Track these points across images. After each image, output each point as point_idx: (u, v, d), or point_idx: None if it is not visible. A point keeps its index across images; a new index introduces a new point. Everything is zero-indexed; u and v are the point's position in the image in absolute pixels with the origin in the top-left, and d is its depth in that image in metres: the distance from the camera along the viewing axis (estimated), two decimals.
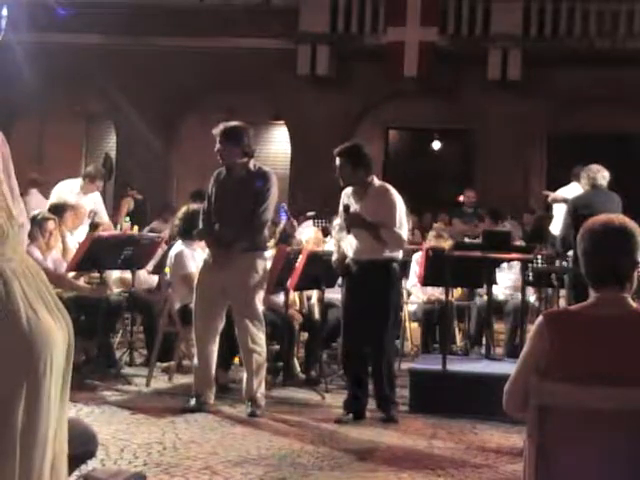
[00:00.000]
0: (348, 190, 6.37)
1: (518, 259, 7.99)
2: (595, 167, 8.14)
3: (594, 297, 2.79)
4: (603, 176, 8.03)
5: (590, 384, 2.63)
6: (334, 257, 6.48)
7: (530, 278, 8.47)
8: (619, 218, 2.83)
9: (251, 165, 6.41)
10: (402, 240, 6.21)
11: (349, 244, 6.32)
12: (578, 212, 7.57)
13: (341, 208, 6.33)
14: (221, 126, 6.38)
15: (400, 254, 6.41)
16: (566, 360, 2.69)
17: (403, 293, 8.39)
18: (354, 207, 6.25)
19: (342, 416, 6.26)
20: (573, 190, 11.60)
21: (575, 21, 16.07)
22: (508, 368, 2.88)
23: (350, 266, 6.31)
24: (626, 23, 15.87)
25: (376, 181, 6.33)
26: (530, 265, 8.18)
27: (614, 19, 15.93)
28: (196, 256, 7.40)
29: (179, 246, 7.59)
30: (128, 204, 13.00)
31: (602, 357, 2.68)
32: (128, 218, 10.50)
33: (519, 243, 9.75)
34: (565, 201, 9.03)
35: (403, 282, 8.10)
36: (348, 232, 6.26)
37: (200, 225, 6.53)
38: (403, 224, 6.22)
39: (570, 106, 16.15)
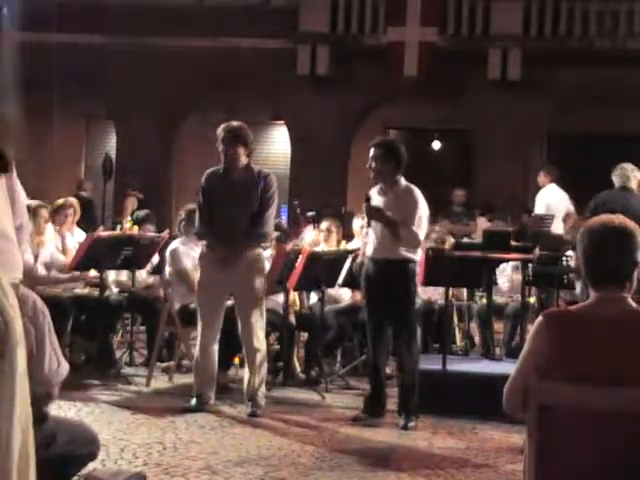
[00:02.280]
0: (374, 189, 6.32)
1: (518, 259, 8.00)
2: (620, 165, 8.07)
3: (594, 297, 2.79)
4: (635, 176, 8.00)
5: (590, 384, 2.63)
6: (359, 259, 6.47)
7: (530, 278, 8.46)
8: (619, 218, 2.83)
9: (252, 166, 6.42)
10: (418, 239, 6.14)
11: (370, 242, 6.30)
12: (599, 210, 7.52)
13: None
14: (226, 126, 6.34)
15: (418, 255, 6.36)
16: (566, 360, 2.69)
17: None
18: (377, 201, 6.22)
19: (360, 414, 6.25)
20: (550, 193, 11.53)
21: (575, 21, 16.06)
22: (508, 368, 2.89)
23: (366, 265, 6.27)
24: (626, 23, 15.86)
25: (403, 181, 6.29)
26: (530, 265, 8.17)
27: (614, 19, 15.92)
28: (192, 254, 7.42)
29: (174, 243, 7.65)
30: (132, 203, 12.98)
31: (602, 357, 2.68)
32: (130, 217, 10.48)
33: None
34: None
35: None
36: (368, 225, 6.23)
37: (197, 224, 6.50)
38: (422, 226, 6.17)
39: (570, 106, 16.15)
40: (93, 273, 7.62)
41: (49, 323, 2.94)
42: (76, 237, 8.18)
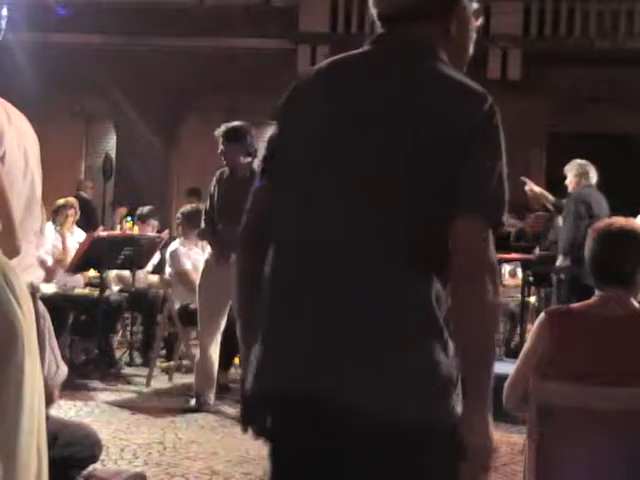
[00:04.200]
0: None
1: (518, 259, 8.00)
2: (587, 162, 7.93)
3: (597, 296, 2.80)
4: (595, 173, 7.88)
5: (590, 384, 2.64)
6: None
7: (530, 278, 8.47)
8: (626, 220, 2.86)
9: (255, 165, 6.42)
10: None
11: None
12: (584, 211, 7.47)
13: None
14: (223, 127, 6.37)
15: None
16: (567, 358, 2.69)
17: None
18: None
19: None
20: None
21: (575, 21, 16.06)
22: (508, 368, 2.88)
23: None
24: (626, 23, 15.86)
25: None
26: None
27: (614, 19, 15.92)
28: (192, 254, 7.43)
29: (174, 244, 7.66)
30: (123, 213, 12.95)
31: (603, 356, 2.68)
32: (129, 218, 10.48)
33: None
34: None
35: None
36: None
37: (202, 225, 6.54)
38: None
39: (570, 106, 16.15)
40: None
41: (49, 327, 2.94)
42: (76, 237, 8.18)
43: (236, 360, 7.28)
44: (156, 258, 8.30)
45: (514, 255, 7.85)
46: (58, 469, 3.05)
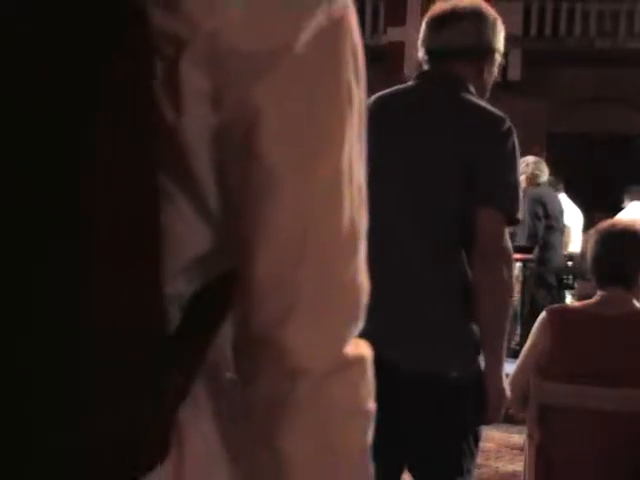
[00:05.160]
0: None
1: (518, 259, 7.98)
2: (540, 160, 7.83)
3: (599, 295, 2.79)
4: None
5: (590, 383, 2.63)
6: None
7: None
8: (627, 220, 2.87)
9: None
10: None
11: None
12: (542, 211, 7.46)
13: None
14: None
15: None
16: (567, 358, 2.69)
17: None
18: None
19: None
20: None
21: (575, 21, 16.07)
22: (508, 368, 2.87)
23: None
24: (626, 23, 15.88)
25: None
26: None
27: (614, 19, 15.94)
28: None
29: None
30: None
31: (604, 356, 2.68)
32: None
33: None
34: None
35: None
36: None
37: None
38: None
39: (570, 106, 16.16)
40: None
41: None
42: None
43: None
44: None
45: (514, 255, 7.83)
46: None
